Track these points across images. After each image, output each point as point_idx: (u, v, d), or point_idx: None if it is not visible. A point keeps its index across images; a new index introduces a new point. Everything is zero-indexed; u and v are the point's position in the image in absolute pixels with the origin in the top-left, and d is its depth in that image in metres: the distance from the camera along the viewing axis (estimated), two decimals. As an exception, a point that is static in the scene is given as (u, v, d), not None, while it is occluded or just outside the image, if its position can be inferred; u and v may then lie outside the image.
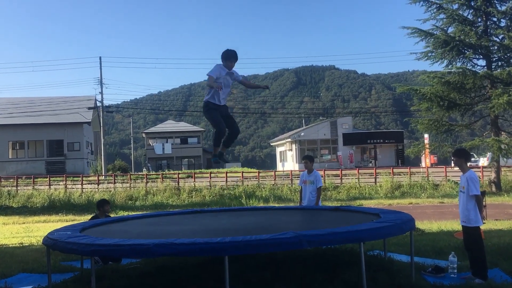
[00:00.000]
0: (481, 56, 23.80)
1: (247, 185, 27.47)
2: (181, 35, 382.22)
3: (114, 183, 30.21)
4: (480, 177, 24.96)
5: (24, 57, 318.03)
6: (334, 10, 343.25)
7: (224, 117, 6.94)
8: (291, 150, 52.21)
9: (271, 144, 69.52)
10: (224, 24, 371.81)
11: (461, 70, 22.81)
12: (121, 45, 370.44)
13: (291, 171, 32.36)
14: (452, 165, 23.26)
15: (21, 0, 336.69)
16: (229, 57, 6.84)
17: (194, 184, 28.42)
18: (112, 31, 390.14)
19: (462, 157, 6.41)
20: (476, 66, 24.16)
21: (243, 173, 30.87)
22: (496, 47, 23.37)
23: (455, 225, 11.38)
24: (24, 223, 18.65)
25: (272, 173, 31.42)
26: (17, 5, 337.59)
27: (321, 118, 72.49)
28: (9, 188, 28.82)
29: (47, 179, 31.59)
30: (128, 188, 28.35)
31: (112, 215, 11.94)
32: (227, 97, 7.11)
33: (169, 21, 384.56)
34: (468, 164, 6.58)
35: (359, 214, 8.03)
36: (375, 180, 27.23)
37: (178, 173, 33.31)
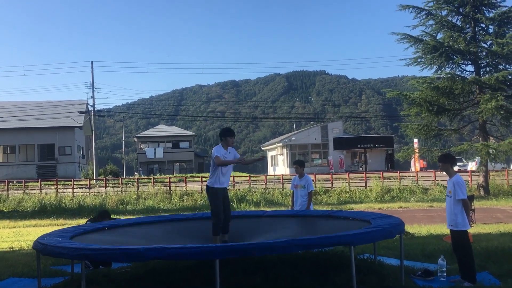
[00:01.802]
0: (470, 62, 23.97)
1: (239, 189, 27.44)
2: (173, 40, 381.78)
3: (106, 187, 30.07)
4: (469, 181, 25.08)
5: (16, 61, 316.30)
6: (325, 16, 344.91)
7: (224, 199, 7.29)
8: (282, 154, 52.21)
9: (262, 148, 69.49)
10: (216, 29, 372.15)
11: (450, 75, 22.96)
12: (113, 49, 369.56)
13: (282, 175, 32.35)
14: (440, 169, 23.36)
15: (12, 2, 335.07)
16: (228, 133, 7.34)
17: (186, 188, 28.34)
18: (104, 35, 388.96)
19: (448, 162, 6.44)
20: (464, 71, 24.38)
21: (234, 177, 30.82)
22: (484, 53, 23.55)
23: (444, 229, 11.39)
24: (15, 227, 18.49)
25: (263, 177, 31.41)
26: (8, 8, 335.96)
27: (312, 122, 72.54)
28: (0, 192, 28.61)
29: (38, 183, 31.39)
30: (120, 192, 28.23)
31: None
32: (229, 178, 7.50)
33: (161, 26, 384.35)
34: (457, 168, 6.61)
35: (349, 219, 8.05)
36: (366, 184, 27.29)
37: (170, 177, 33.22)
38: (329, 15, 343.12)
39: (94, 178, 38.58)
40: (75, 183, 31.32)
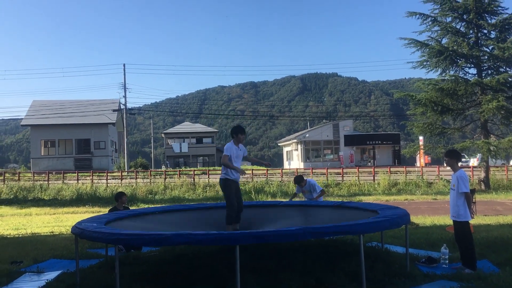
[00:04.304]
0: (473, 65, 23.64)
1: (257, 181, 27.45)
2: (197, 44, 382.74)
3: (136, 178, 30.33)
4: (471, 176, 24.76)
5: (56, 64, 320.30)
6: (337, 22, 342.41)
7: (236, 191, 7.31)
8: (297, 150, 52.08)
9: (279, 144, 69.37)
10: (237, 36, 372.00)
11: (453, 78, 22.68)
12: (143, 53, 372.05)
13: (297, 169, 32.34)
14: (445, 164, 23.11)
15: (53, 12, 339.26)
16: (239, 131, 7.31)
17: (208, 180, 28.45)
18: (136, 40, 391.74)
19: (454, 157, 6.37)
20: (467, 74, 24.06)
21: (253, 171, 30.86)
22: (486, 57, 23.20)
23: (447, 220, 11.31)
24: (55, 214, 18.79)
25: (280, 171, 31.38)
26: (49, 17, 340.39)
27: (324, 121, 72.06)
28: (41, 182, 29.06)
29: (76, 174, 31.81)
30: (149, 183, 28.45)
31: (134, 208, 12.02)
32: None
33: (187, 33, 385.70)
34: (459, 164, 6.54)
35: (359, 209, 8.01)
36: (374, 178, 27.10)
37: (194, 170, 33.37)
38: (341, 21, 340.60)
39: (126, 170, 38.90)
40: (109, 174, 31.65)
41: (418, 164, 39.67)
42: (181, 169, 38.26)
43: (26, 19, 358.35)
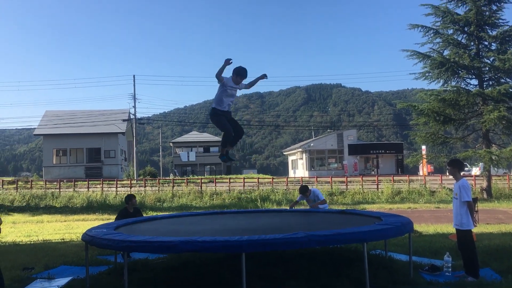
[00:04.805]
0: (474, 76, 23.57)
1: (262, 189, 27.41)
2: (205, 55, 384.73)
3: (145, 186, 30.35)
4: (473, 185, 24.59)
5: (68, 75, 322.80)
6: (341, 34, 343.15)
7: (229, 120, 6.88)
8: (301, 158, 52.01)
9: (284, 153, 69.34)
10: (242, 47, 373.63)
11: (455, 88, 22.64)
12: (152, 65, 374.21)
13: (302, 177, 32.26)
14: (447, 173, 23.00)
15: (66, 25, 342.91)
16: (239, 73, 6.66)
17: (215, 188, 28.43)
18: (145, 53, 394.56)
19: (456, 166, 6.34)
20: (469, 85, 23.97)
21: (259, 179, 30.84)
22: (487, 68, 23.15)
23: (450, 228, 11.19)
24: (66, 221, 18.82)
25: (285, 179, 31.34)
26: (62, 30, 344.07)
27: (328, 130, 72.07)
28: (53, 190, 29.15)
29: (86, 182, 31.87)
30: (157, 191, 28.46)
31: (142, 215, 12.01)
32: (231, 105, 7.01)
33: (194, 45, 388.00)
34: (462, 173, 6.50)
35: (362, 217, 7.98)
36: (377, 186, 26.98)
37: (201, 179, 33.39)
38: (345, 33, 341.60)
39: (135, 178, 39.01)
40: (118, 182, 31.71)
41: (421, 173, 39.48)
42: (188, 178, 38.31)
43: (40, 32, 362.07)
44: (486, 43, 23.47)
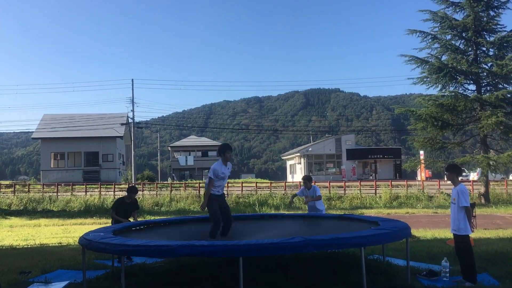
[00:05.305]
0: (472, 82, 23.62)
1: (260, 194, 27.38)
2: (204, 60, 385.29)
3: (143, 190, 30.28)
4: (471, 190, 24.60)
5: (67, 79, 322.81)
6: (340, 39, 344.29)
7: (222, 205, 7.17)
8: (300, 163, 52.02)
9: (282, 157, 69.33)
10: (241, 51, 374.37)
11: (453, 94, 22.68)
12: (151, 69, 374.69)
13: (300, 182, 32.20)
14: (445, 179, 23.01)
15: (65, 28, 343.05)
16: (227, 149, 7.18)
17: (213, 193, 28.32)
18: (143, 57, 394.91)
19: (454, 172, 6.34)
20: (467, 90, 23.99)
21: (257, 184, 30.83)
22: (485, 74, 23.20)
23: (448, 233, 11.22)
24: (63, 225, 18.76)
25: (283, 184, 31.31)
26: (61, 33, 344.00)
27: (327, 135, 72.07)
28: (51, 194, 29.09)
29: (84, 186, 31.78)
30: (155, 195, 28.42)
31: (140, 219, 12.02)
32: (224, 184, 7.42)
33: (192, 49, 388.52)
34: (460, 178, 6.51)
35: (360, 222, 7.97)
36: (375, 191, 26.98)
37: (199, 183, 33.32)
38: (343, 38, 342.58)
39: (133, 182, 38.91)
40: (116, 186, 31.66)
41: (419, 178, 39.51)
42: (186, 182, 38.24)
43: (38, 35, 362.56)
44: (484, 48, 23.54)
